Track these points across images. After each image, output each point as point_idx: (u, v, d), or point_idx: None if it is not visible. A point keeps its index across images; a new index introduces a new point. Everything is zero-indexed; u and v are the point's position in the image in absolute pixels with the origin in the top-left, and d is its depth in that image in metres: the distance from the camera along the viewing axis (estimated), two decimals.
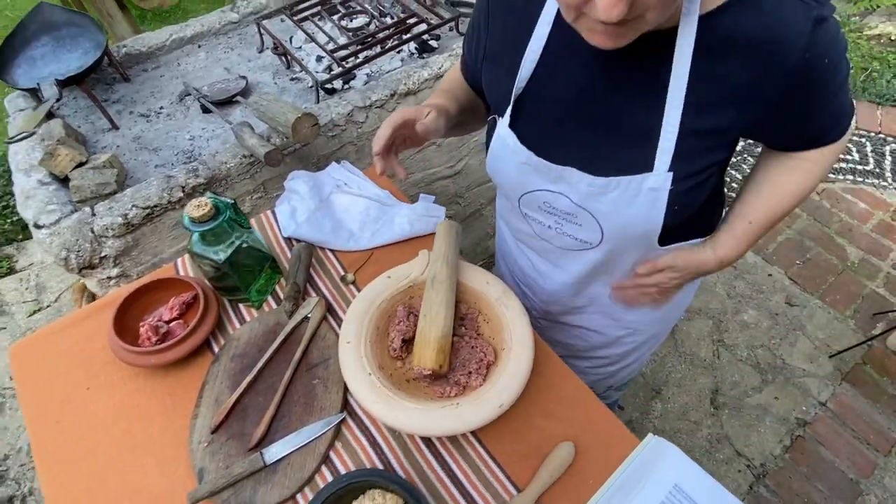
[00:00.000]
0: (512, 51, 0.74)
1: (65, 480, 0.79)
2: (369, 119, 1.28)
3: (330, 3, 1.50)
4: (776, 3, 0.60)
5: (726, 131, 0.69)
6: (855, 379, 1.97)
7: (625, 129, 0.71)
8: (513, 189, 0.84)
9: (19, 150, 1.16)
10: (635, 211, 0.73)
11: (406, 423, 0.76)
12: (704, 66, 0.63)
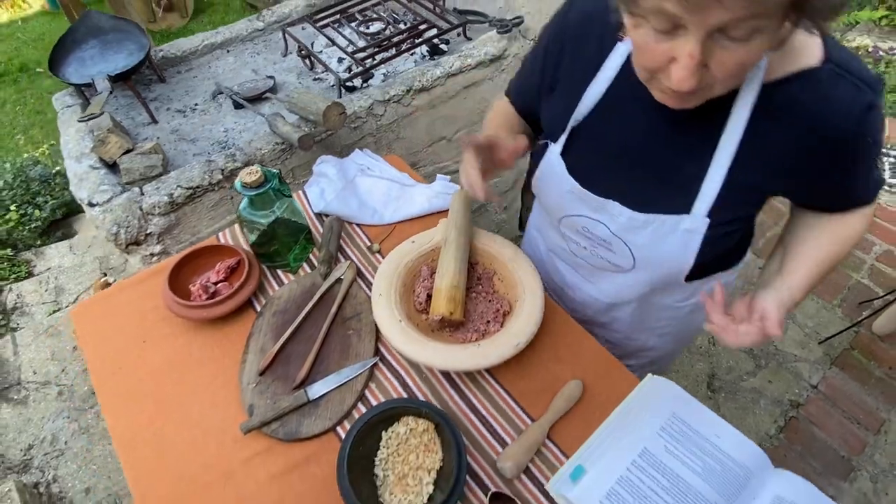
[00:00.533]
0: (575, 87, 0.79)
1: (127, 418, 0.89)
2: (387, 112, 1.41)
3: (348, 12, 1.64)
4: (833, 84, 0.65)
5: (766, 190, 0.75)
6: (844, 363, 2.07)
7: (671, 173, 0.76)
8: (555, 210, 0.91)
9: (70, 140, 1.28)
10: (668, 248, 0.80)
11: (434, 360, 0.86)
12: (757, 129, 0.68)
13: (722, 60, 0.56)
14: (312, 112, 1.19)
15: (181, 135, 1.36)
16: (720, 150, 0.71)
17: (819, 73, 0.65)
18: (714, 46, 0.55)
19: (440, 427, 0.82)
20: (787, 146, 0.69)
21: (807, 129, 0.67)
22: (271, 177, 0.93)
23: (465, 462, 0.78)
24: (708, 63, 0.56)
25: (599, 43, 0.76)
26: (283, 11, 1.67)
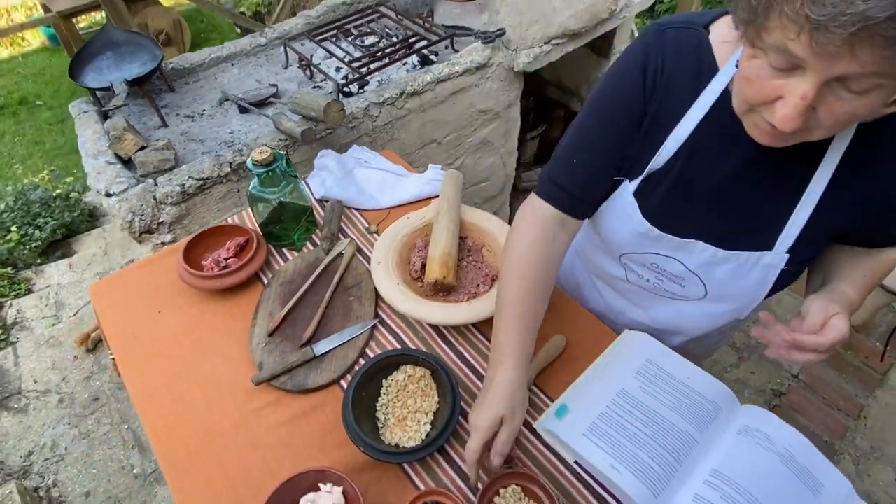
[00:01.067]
0: (657, 130, 0.75)
1: (144, 379, 0.95)
2: (382, 113, 1.52)
3: (344, 28, 1.78)
4: None
5: (848, 229, 0.75)
6: None
7: (757, 212, 0.76)
8: (618, 246, 0.87)
9: (87, 140, 1.37)
10: (747, 282, 0.81)
11: (429, 316, 0.95)
12: (847, 173, 0.68)
13: (833, 109, 0.54)
14: (314, 109, 1.30)
15: (190, 136, 1.46)
16: (809, 191, 0.71)
17: None
18: (828, 94, 0.54)
19: (436, 374, 0.90)
20: (872, 189, 0.69)
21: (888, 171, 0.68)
22: (279, 157, 1.02)
23: (459, 401, 0.85)
24: (816, 108, 0.55)
25: (694, 82, 0.72)
26: (284, 28, 1.80)
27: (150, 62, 1.46)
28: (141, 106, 1.56)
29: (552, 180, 0.83)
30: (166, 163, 1.28)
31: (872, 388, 2.05)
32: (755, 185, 0.74)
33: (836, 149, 0.68)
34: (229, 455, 0.85)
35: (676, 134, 0.74)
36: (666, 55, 0.73)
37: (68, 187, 3.51)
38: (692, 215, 0.79)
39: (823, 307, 0.72)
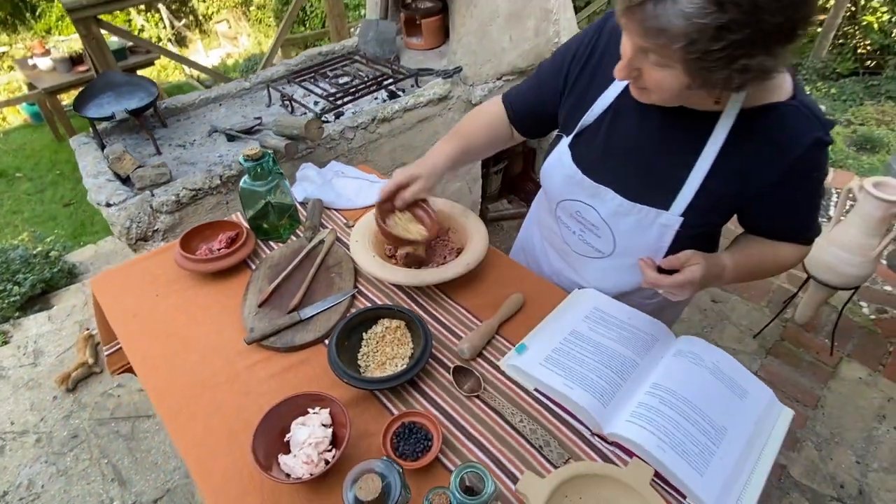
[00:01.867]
0: (591, 92, 0.95)
1: (145, 350, 1.04)
2: (357, 136, 1.71)
3: (321, 71, 2.01)
4: (798, 117, 0.80)
5: (732, 198, 0.88)
6: (777, 352, 2.31)
7: (659, 172, 0.91)
8: (555, 194, 1.05)
9: (88, 164, 1.51)
10: (646, 238, 0.94)
11: (403, 279, 1.08)
12: (731, 146, 0.83)
13: (648, 74, 0.74)
14: (296, 128, 1.48)
15: (182, 160, 1.62)
16: (701, 160, 0.86)
17: (786, 108, 0.80)
18: (643, 60, 0.73)
19: (410, 324, 1.01)
20: (749, 162, 0.84)
21: (766, 150, 0.82)
22: (267, 154, 1.18)
23: (431, 343, 0.97)
24: (641, 70, 0.75)
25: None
26: (266, 74, 2.02)
27: (146, 97, 1.64)
28: (136, 139, 1.72)
29: (512, 93, 1.14)
30: (162, 177, 1.42)
31: (826, 380, 2.19)
32: (661, 149, 0.90)
33: (722, 129, 0.83)
34: (223, 401, 0.94)
35: (604, 98, 0.94)
36: (609, 37, 0.94)
37: (48, 246, 3.57)
38: (609, 166, 0.96)
39: (689, 254, 0.88)
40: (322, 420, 0.84)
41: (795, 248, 0.97)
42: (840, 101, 4.46)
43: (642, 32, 0.68)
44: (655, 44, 0.68)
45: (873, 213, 1.81)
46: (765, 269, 0.98)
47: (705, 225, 0.93)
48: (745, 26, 0.62)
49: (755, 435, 0.88)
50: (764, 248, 0.97)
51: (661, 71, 0.72)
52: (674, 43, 0.66)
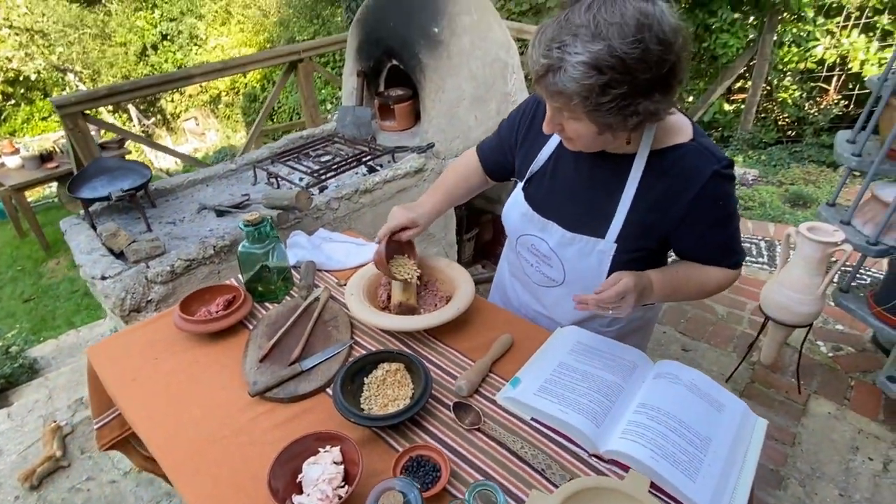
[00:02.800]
0: (536, 145, 1.15)
1: (147, 410, 1.05)
2: (341, 207, 1.83)
3: (304, 152, 2.16)
4: (698, 154, 0.96)
5: (654, 227, 1.02)
6: (749, 394, 2.41)
7: (593, 207, 1.06)
8: (514, 230, 1.21)
9: (80, 242, 1.56)
10: (588, 264, 1.09)
11: (397, 325, 1.15)
12: (647, 182, 0.99)
13: (567, 126, 0.92)
14: (286, 199, 1.59)
15: (174, 235, 1.68)
16: (624, 194, 1.01)
17: (686, 147, 0.97)
18: (560, 116, 0.91)
19: (409, 366, 1.07)
20: (663, 194, 0.99)
21: (675, 183, 0.97)
22: (266, 219, 1.27)
23: (430, 382, 1.02)
24: (563, 125, 0.93)
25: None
26: (251, 156, 2.16)
27: (140, 179, 1.73)
28: (126, 219, 1.78)
29: (484, 146, 1.33)
30: (157, 249, 1.48)
31: (798, 417, 2.28)
32: (592, 186, 1.07)
33: (637, 168, 1.00)
34: (229, 453, 0.95)
35: (547, 148, 1.14)
36: (539, 107, 1.15)
37: (8, 342, 3.45)
38: (553, 203, 1.13)
39: (617, 274, 0.99)
40: (334, 458, 0.87)
41: (722, 272, 1.09)
42: (770, 166, 4.94)
43: (549, 95, 0.87)
44: (562, 103, 0.87)
45: (812, 254, 2.01)
46: (690, 287, 1.10)
47: (638, 250, 1.06)
48: (623, 83, 0.81)
49: (736, 443, 0.96)
50: (690, 270, 1.10)
51: (576, 123, 0.90)
52: (572, 101, 0.84)
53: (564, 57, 0.81)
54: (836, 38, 5.17)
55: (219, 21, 11.90)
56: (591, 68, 0.79)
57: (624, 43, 0.78)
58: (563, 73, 0.82)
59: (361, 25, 2.18)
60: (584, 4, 0.81)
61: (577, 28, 0.80)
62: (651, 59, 0.80)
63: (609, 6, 0.79)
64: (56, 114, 2.28)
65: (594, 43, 0.79)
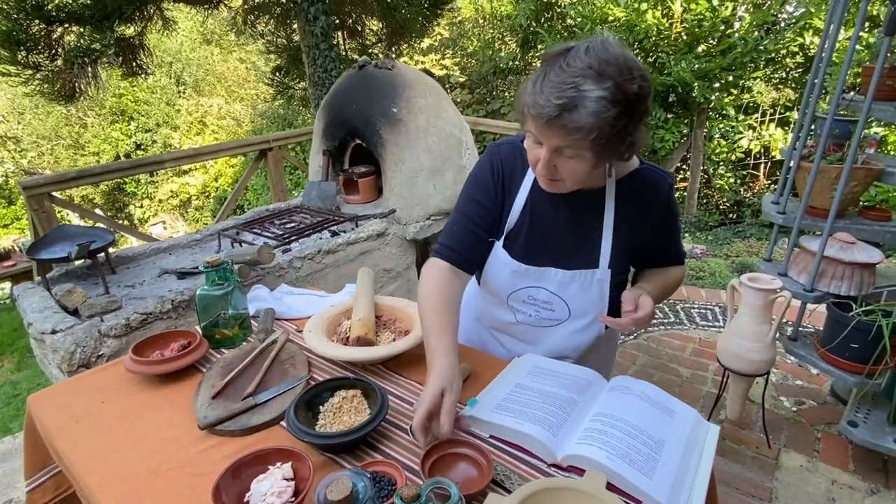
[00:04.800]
0: (509, 199, 1.15)
1: (88, 449, 0.99)
2: (304, 266, 1.87)
3: (269, 220, 2.23)
4: (653, 173, 1.12)
5: (633, 244, 1.14)
6: (721, 451, 2.38)
7: (580, 242, 1.14)
8: (503, 290, 1.20)
9: (33, 302, 1.54)
10: (591, 294, 1.16)
11: (355, 355, 1.16)
12: (621, 206, 1.11)
13: (563, 166, 0.96)
14: (249, 254, 1.63)
15: (132, 296, 1.67)
16: (605, 223, 1.12)
17: (642, 170, 1.12)
18: (557, 157, 0.95)
19: (366, 393, 1.06)
20: (635, 214, 1.12)
21: (642, 202, 1.12)
22: (225, 263, 1.30)
23: (387, 403, 1.02)
24: (557, 166, 0.97)
25: (521, 170, 1.15)
26: (216, 227, 2.21)
27: (102, 242, 1.74)
28: (84, 284, 1.76)
29: (443, 244, 1.18)
30: (113, 304, 1.47)
31: (772, 471, 2.25)
32: (577, 225, 1.14)
33: (610, 197, 1.11)
34: (175, 484, 0.90)
35: (517, 202, 1.15)
36: (503, 159, 1.18)
37: None
38: (543, 250, 1.16)
39: (632, 293, 1.12)
40: (284, 474, 0.84)
41: (679, 268, 1.28)
42: (716, 244, 5.26)
43: (564, 134, 0.90)
44: (573, 140, 0.90)
45: (756, 302, 2.12)
46: (668, 287, 1.25)
47: (625, 271, 1.19)
48: (626, 115, 0.90)
49: (690, 446, 0.97)
50: (662, 274, 1.26)
51: (574, 161, 0.95)
52: (588, 136, 0.89)
53: (582, 95, 0.87)
54: (756, 132, 5.82)
55: (193, 131, 12.49)
56: (609, 102, 0.87)
57: (624, 80, 0.88)
58: (582, 109, 0.87)
59: (328, 109, 2.37)
60: (580, 51, 0.90)
61: (584, 70, 0.88)
62: (642, 92, 0.91)
63: (601, 52, 0.89)
64: (22, 195, 2.31)
65: (603, 81, 0.87)
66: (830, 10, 2.08)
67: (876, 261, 2.06)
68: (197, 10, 5.98)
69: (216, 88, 12.62)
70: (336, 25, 5.59)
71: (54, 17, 3.38)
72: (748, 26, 5.34)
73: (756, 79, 5.77)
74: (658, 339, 3.27)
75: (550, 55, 0.93)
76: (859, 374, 1.99)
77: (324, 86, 4.18)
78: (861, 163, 2.08)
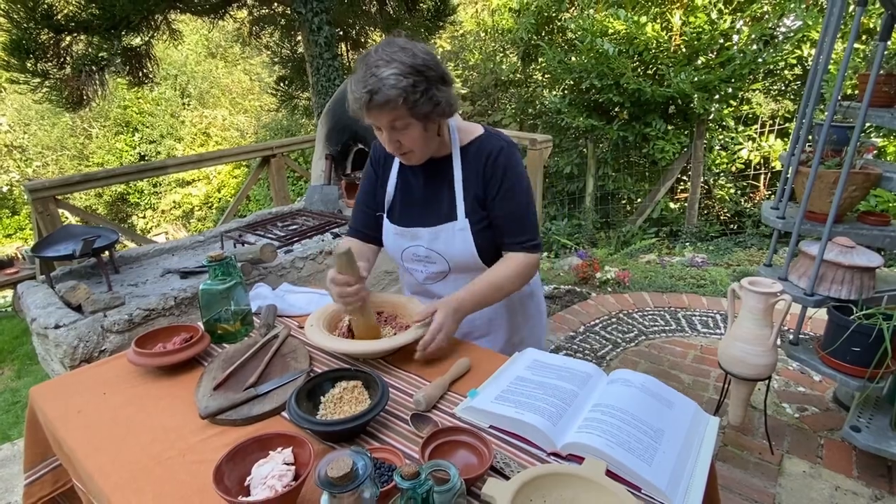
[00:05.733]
0: (383, 180, 1.40)
1: (89, 437, 1.00)
2: (306, 266, 1.88)
3: (272, 222, 2.25)
4: (489, 138, 1.30)
5: (480, 198, 1.29)
6: (724, 457, 2.36)
7: (440, 201, 1.32)
8: (396, 250, 1.40)
9: (38, 299, 1.55)
10: (458, 245, 1.31)
11: (357, 349, 1.16)
12: (466, 168, 1.30)
13: (403, 139, 1.18)
14: (251, 253, 1.64)
15: (135, 294, 1.68)
16: (455, 182, 1.30)
17: (481, 137, 1.31)
18: (396, 132, 1.16)
19: (367, 383, 1.07)
20: (474, 172, 1.29)
21: (478, 162, 1.28)
22: (230, 257, 1.31)
23: (387, 392, 1.02)
24: (400, 140, 1.18)
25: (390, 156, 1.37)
26: (219, 228, 2.23)
27: (105, 241, 1.76)
28: (88, 283, 1.78)
29: (352, 228, 1.46)
30: (116, 300, 1.48)
31: (775, 477, 2.24)
32: (436, 188, 1.33)
33: (455, 159, 1.30)
34: (176, 471, 0.90)
35: (391, 180, 1.38)
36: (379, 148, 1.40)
37: None
38: (412, 214, 1.36)
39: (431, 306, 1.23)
40: (285, 458, 0.84)
41: (523, 256, 1.32)
42: (717, 254, 5.27)
43: (383, 111, 1.12)
44: (394, 113, 1.12)
45: (756, 305, 2.12)
46: (496, 283, 1.30)
47: (481, 220, 1.31)
48: (423, 81, 1.12)
49: (690, 436, 0.97)
50: (491, 270, 1.32)
51: (408, 130, 1.17)
52: (398, 103, 1.10)
53: (379, 78, 1.09)
54: (756, 143, 5.85)
55: (197, 143, 12.59)
56: (400, 75, 1.10)
57: (407, 58, 1.12)
58: (383, 88, 1.09)
59: (330, 114, 2.40)
60: (371, 52, 1.14)
61: (376, 61, 1.11)
62: (427, 63, 1.14)
63: (387, 46, 1.14)
64: (27, 198, 2.33)
65: (391, 66, 1.10)
66: (825, 22, 2.12)
67: (876, 265, 2.07)
68: (203, 22, 6.08)
69: (220, 100, 12.76)
70: (339, 37, 5.68)
71: (63, 26, 3.44)
72: (746, 39, 5.40)
73: (755, 90, 5.82)
74: (659, 346, 3.27)
75: (358, 62, 1.17)
76: (861, 378, 1.98)
77: (327, 95, 4.23)
78: (859, 168, 2.09)
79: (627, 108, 5.83)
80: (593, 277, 3.98)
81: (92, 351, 1.37)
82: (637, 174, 6.53)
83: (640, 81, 5.38)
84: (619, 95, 5.62)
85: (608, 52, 5.32)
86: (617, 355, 3.17)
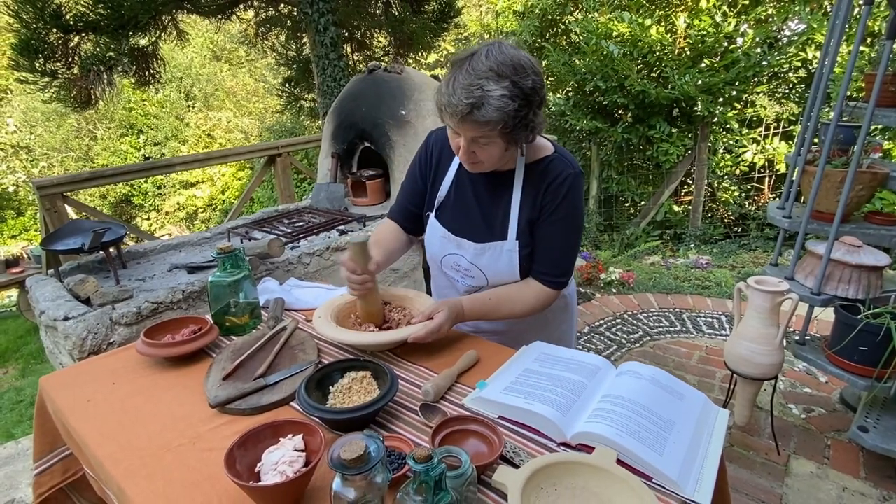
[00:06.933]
0: (437, 179, 1.34)
1: (100, 426, 1.00)
2: (312, 262, 1.88)
3: (278, 219, 2.26)
4: (557, 162, 1.21)
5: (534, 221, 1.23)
6: (731, 458, 2.35)
7: (492, 217, 1.27)
8: (438, 253, 1.36)
9: (46, 292, 1.56)
10: (503, 264, 1.27)
11: (365, 340, 1.17)
12: (528, 187, 1.22)
13: (480, 152, 1.12)
14: (259, 247, 1.65)
15: (142, 288, 1.69)
16: (513, 201, 1.24)
17: (550, 157, 1.23)
18: (475, 145, 1.11)
19: (376, 374, 1.07)
20: (538, 195, 1.22)
21: (545, 185, 1.21)
22: (238, 249, 1.32)
23: (396, 382, 1.02)
24: (476, 152, 1.12)
25: (449, 154, 1.32)
26: (227, 225, 2.24)
27: (113, 235, 1.77)
28: (95, 277, 1.78)
29: (392, 209, 1.45)
30: (125, 293, 1.49)
31: (781, 478, 2.22)
32: (492, 202, 1.27)
33: (518, 178, 1.23)
34: (186, 459, 0.90)
35: (446, 180, 1.32)
36: (436, 143, 1.36)
37: None
38: (462, 222, 1.31)
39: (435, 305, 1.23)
40: (295, 445, 0.84)
41: (542, 289, 1.27)
42: (722, 256, 5.26)
43: (476, 127, 1.06)
44: (484, 131, 1.07)
45: (763, 304, 2.12)
46: (501, 304, 1.28)
47: (530, 243, 1.26)
48: (525, 106, 1.06)
49: (700, 427, 0.97)
50: (506, 289, 1.29)
51: (489, 147, 1.11)
52: (496, 127, 1.06)
53: (486, 93, 1.03)
54: (760, 145, 5.85)
55: (202, 144, 12.64)
56: (509, 98, 1.03)
57: (519, 78, 1.05)
58: (488, 106, 1.03)
59: (337, 112, 2.42)
60: (481, 55, 1.05)
61: (486, 73, 1.03)
62: (535, 85, 1.07)
63: (498, 55, 1.05)
64: (35, 194, 2.34)
65: (501, 81, 1.03)
66: (831, 23, 2.12)
67: (883, 264, 2.06)
68: (208, 25, 6.11)
69: (224, 103, 12.82)
70: (345, 38, 5.70)
71: (72, 26, 3.47)
72: (751, 42, 5.40)
73: (759, 93, 5.82)
74: (664, 347, 3.26)
75: (457, 60, 1.09)
76: (868, 378, 1.97)
77: (332, 95, 4.25)
78: (866, 167, 2.09)
79: (631, 111, 5.84)
80: (598, 279, 3.98)
81: (101, 343, 1.37)
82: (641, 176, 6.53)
83: (645, 84, 5.38)
84: (623, 97, 5.63)
85: (613, 53, 5.33)
86: (622, 356, 3.16)
